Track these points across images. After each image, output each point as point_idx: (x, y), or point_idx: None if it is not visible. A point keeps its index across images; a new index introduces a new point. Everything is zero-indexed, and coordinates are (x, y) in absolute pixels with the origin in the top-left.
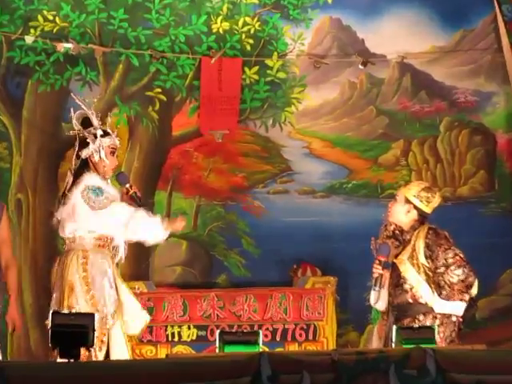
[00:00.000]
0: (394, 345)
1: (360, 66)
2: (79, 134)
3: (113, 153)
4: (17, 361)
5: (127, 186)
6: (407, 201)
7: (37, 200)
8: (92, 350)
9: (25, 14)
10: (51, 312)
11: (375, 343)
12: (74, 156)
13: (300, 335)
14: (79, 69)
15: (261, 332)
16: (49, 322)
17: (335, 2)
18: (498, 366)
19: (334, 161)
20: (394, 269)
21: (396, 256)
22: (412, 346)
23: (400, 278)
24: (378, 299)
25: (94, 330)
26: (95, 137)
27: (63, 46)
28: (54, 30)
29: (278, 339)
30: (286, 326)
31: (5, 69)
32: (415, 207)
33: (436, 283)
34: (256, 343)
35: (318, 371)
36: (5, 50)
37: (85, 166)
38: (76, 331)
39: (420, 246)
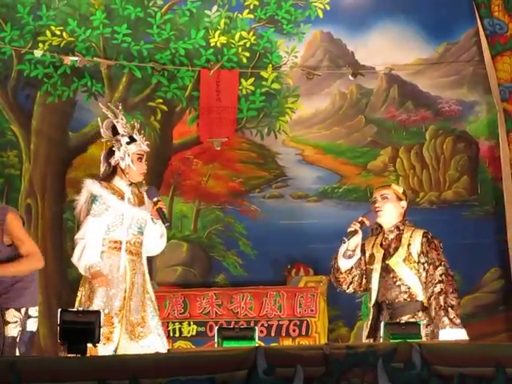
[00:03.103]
0: (382, 339)
1: (350, 77)
2: (107, 142)
3: (140, 159)
4: (27, 355)
5: (154, 200)
6: (399, 198)
7: (45, 205)
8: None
9: (34, 29)
10: (59, 310)
11: (365, 338)
12: (103, 162)
13: (294, 331)
14: (85, 81)
15: (257, 328)
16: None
17: (326, 17)
18: (479, 358)
19: (325, 167)
20: (387, 270)
21: (384, 258)
22: (399, 340)
23: (396, 280)
24: (344, 255)
25: (100, 327)
26: (121, 144)
27: (70, 60)
28: (62, 45)
29: (273, 335)
30: (281, 323)
31: (15, 81)
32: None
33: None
34: (252, 338)
35: (311, 364)
36: (15, 63)
37: (114, 172)
38: (83, 328)
39: (415, 250)
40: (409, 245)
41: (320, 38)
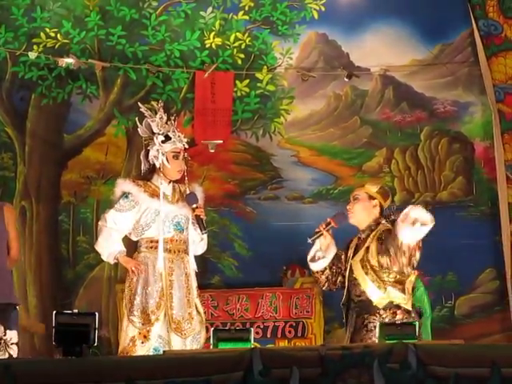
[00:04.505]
0: (377, 340)
1: (345, 79)
2: (145, 141)
3: (176, 157)
4: (22, 357)
5: (193, 206)
6: (371, 197)
7: (40, 207)
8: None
9: (28, 31)
10: (54, 312)
11: None
12: (143, 161)
13: (289, 332)
14: (80, 83)
15: (252, 329)
16: None
17: (321, 18)
18: (474, 359)
19: (320, 168)
20: (351, 269)
21: (353, 257)
22: (394, 341)
23: (357, 280)
24: (314, 258)
25: (95, 329)
26: (155, 143)
27: (64, 62)
28: (56, 46)
29: (268, 336)
30: (277, 324)
31: (9, 83)
32: (379, 203)
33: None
34: (248, 340)
35: (307, 366)
36: (9, 65)
37: (153, 170)
38: (78, 330)
39: (373, 249)
40: (371, 243)
41: (315, 39)
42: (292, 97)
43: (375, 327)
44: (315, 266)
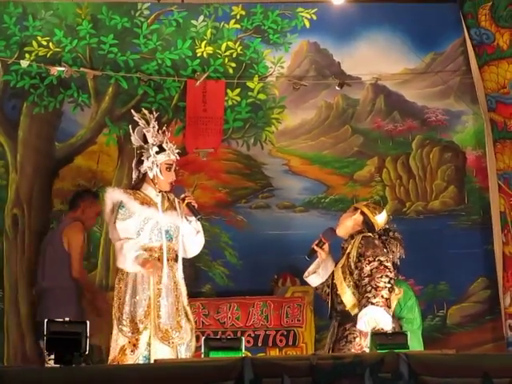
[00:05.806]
0: (368, 350)
1: (336, 88)
2: (137, 150)
3: (169, 168)
4: (13, 366)
5: (182, 196)
6: (355, 208)
7: (32, 215)
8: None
9: (20, 39)
10: (46, 320)
11: None
12: (134, 169)
13: (280, 341)
14: (71, 91)
15: (243, 338)
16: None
17: (313, 27)
18: (465, 369)
19: (312, 177)
20: (333, 278)
21: (336, 265)
22: (386, 350)
23: (336, 288)
24: (310, 273)
25: (86, 337)
26: (150, 154)
27: (56, 70)
28: (48, 55)
29: (259, 345)
30: (268, 333)
31: (1, 92)
32: (362, 213)
33: (361, 292)
34: (239, 349)
35: (298, 375)
36: (1, 74)
37: (144, 179)
38: (70, 338)
39: (354, 255)
40: (351, 250)
41: (306, 48)
42: (283, 106)
43: (355, 338)
44: (310, 281)
